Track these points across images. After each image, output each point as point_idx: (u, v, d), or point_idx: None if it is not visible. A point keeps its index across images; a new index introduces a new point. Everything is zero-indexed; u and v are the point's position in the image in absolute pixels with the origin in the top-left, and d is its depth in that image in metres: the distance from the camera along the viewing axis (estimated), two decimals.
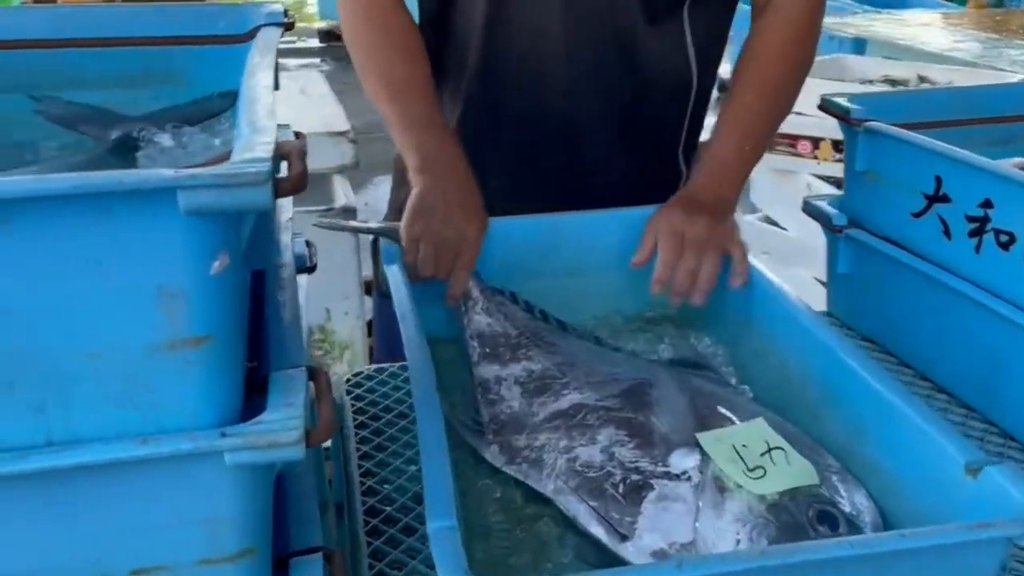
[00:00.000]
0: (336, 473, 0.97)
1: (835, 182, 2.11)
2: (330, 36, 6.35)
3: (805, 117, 1.92)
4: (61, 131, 0.94)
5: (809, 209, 1.23)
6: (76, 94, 0.96)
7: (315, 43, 6.63)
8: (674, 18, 1.12)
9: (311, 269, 1.02)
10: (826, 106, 1.18)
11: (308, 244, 1.05)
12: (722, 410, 0.85)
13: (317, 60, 6.08)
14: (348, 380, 1.07)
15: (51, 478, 0.43)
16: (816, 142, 2.18)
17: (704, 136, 1.23)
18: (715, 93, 1.28)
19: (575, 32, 1.10)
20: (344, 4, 1.14)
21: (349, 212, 1.84)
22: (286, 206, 0.92)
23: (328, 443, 0.93)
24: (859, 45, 3.01)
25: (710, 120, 1.21)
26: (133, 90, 0.97)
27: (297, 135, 0.96)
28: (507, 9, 1.10)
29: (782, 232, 2.30)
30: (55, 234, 0.40)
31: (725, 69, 1.24)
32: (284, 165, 0.49)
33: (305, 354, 0.55)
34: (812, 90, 1.21)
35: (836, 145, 2.13)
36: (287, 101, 1.08)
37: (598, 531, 0.72)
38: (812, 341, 0.87)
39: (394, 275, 0.99)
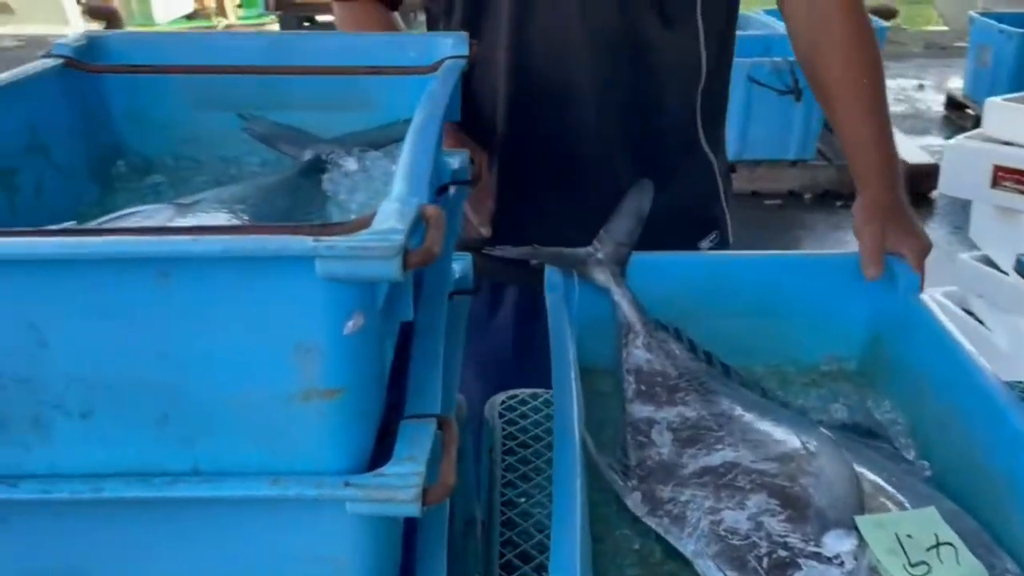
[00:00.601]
0: (482, 496, 0.99)
1: None
2: None
3: None
4: (263, 148, 1.03)
5: None
6: (279, 114, 1.04)
7: None
8: (688, 17, 1.14)
9: (474, 291, 1.05)
10: None
11: (473, 263, 1.07)
12: (891, 490, 0.78)
13: None
14: (502, 403, 1.09)
15: (193, 506, 0.46)
16: None
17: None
18: None
19: (592, 42, 1.12)
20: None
21: None
22: None
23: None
24: None
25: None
26: (329, 113, 1.03)
27: (472, 160, 0.98)
28: (529, 28, 1.12)
29: (1000, 275, 2.09)
30: (206, 289, 0.43)
31: None
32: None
33: (438, 401, 0.56)
34: None
35: None
36: None
37: None
38: (1003, 421, 0.78)
39: (554, 302, 0.99)
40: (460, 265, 1.05)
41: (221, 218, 0.70)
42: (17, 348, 0.44)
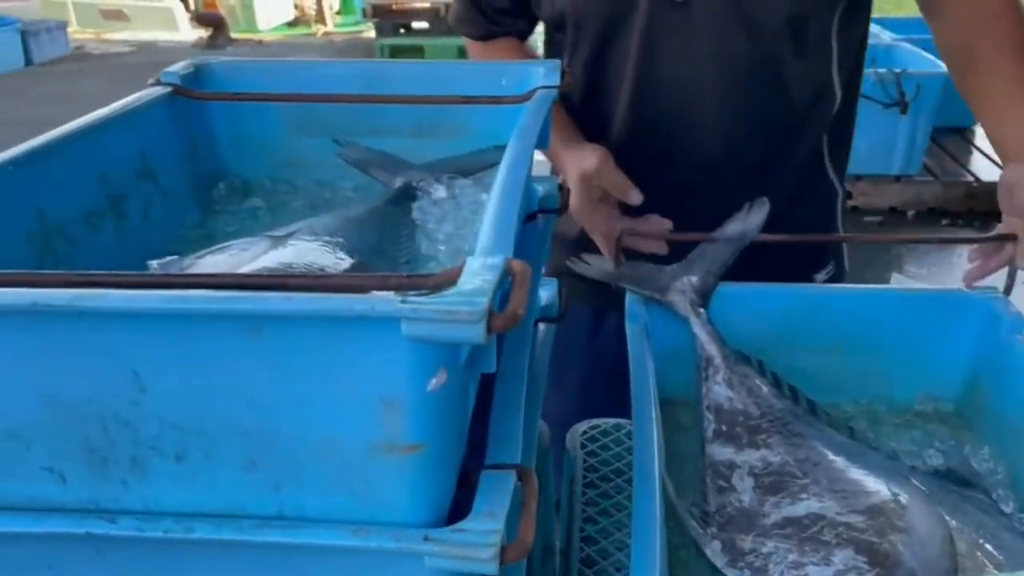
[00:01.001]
0: (561, 525, 0.98)
1: None
2: None
3: None
4: (357, 173, 1.05)
5: None
6: (372, 140, 1.05)
7: None
8: (823, 44, 1.10)
9: (558, 318, 1.04)
10: None
11: (560, 289, 1.07)
12: (989, 548, 0.74)
13: None
14: (583, 433, 1.08)
15: (276, 550, 0.47)
16: None
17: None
18: None
19: (721, 73, 1.08)
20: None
21: None
22: None
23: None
24: None
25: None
26: (421, 139, 1.05)
27: (561, 187, 0.98)
28: (656, 60, 1.09)
29: None
30: (296, 343, 0.44)
31: None
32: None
33: (519, 449, 0.56)
34: None
35: None
36: None
37: None
38: None
39: (634, 334, 0.98)
40: (546, 291, 1.04)
41: (313, 253, 0.72)
42: (120, 393, 0.46)
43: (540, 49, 1.35)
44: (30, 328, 0.44)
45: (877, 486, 0.82)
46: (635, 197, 1.07)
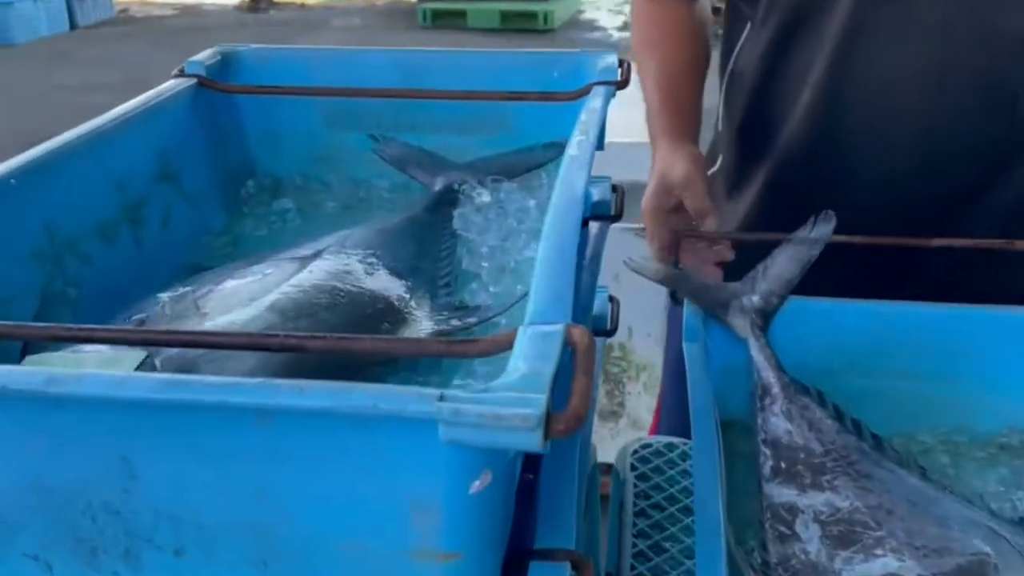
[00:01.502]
0: (609, 560, 0.91)
1: None
2: None
3: None
4: (394, 171, 0.97)
5: None
6: (411, 136, 0.97)
7: None
8: None
9: (610, 332, 0.96)
10: None
11: (611, 300, 0.98)
12: None
13: None
14: (634, 452, 1.00)
15: None
16: None
17: None
18: None
19: (942, 83, 0.91)
20: None
21: None
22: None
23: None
24: None
25: None
26: (464, 136, 0.96)
27: (615, 188, 0.89)
28: (852, 68, 0.92)
29: None
30: (311, 437, 0.36)
31: None
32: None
33: (574, 531, 0.48)
34: None
35: None
36: None
37: None
38: None
39: (693, 356, 0.89)
40: (597, 302, 0.96)
41: (342, 277, 0.64)
42: (106, 479, 0.39)
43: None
44: (4, 409, 0.38)
45: (962, 541, 0.73)
46: (711, 224, 0.94)
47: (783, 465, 0.84)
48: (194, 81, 0.88)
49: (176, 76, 0.88)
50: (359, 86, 0.93)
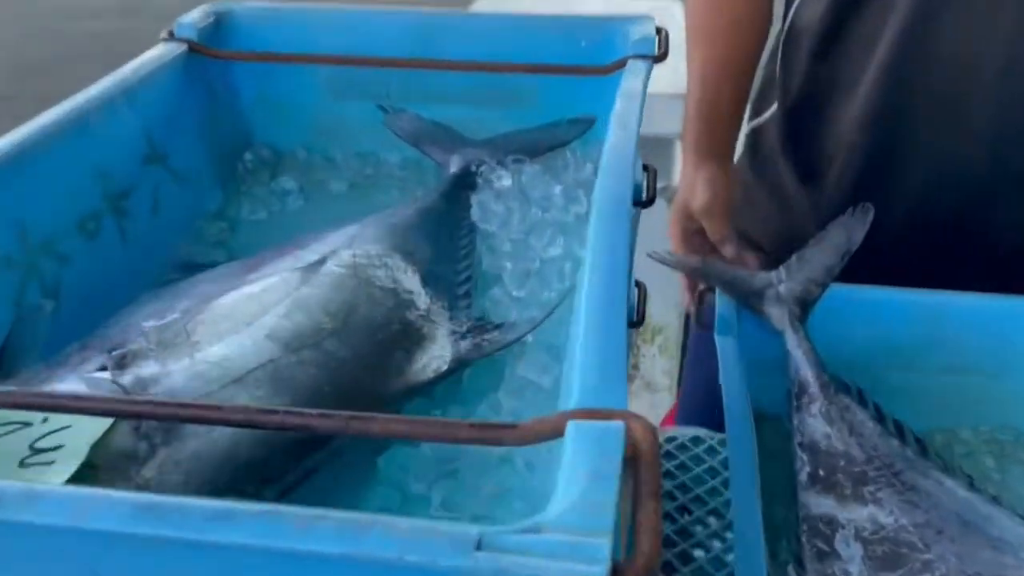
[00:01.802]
0: None
1: None
2: None
3: None
4: (405, 145, 0.88)
5: None
6: (424, 108, 0.88)
7: None
8: None
9: (637, 324, 0.89)
10: None
11: (638, 286, 0.91)
12: None
13: None
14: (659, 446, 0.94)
15: None
16: None
17: None
18: None
19: (1010, 63, 0.82)
20: None
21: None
22: None
23: None
24: None
25: None
26: (481, 108, 0.87)
27: (647, 168, 0.81)
28: (930, 34, 0.82)
29: None
30: None
31: None
32: None
33: None
34: None
35: None
36: None
37: None
38: None
39: (726, 350, 0.83)
40: None
41: (351, 291, 0.57)
42: None
43: None
44: None
45: (1017, 561, 0.68)
46: (729, 251, 0.91)
47: (821, 472, 0.78)
48: (184, 47, 0.79)
49: (165, 40, 0.79)
50: (367, 49, 0.84)
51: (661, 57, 0.77)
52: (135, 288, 0.65)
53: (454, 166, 0.83)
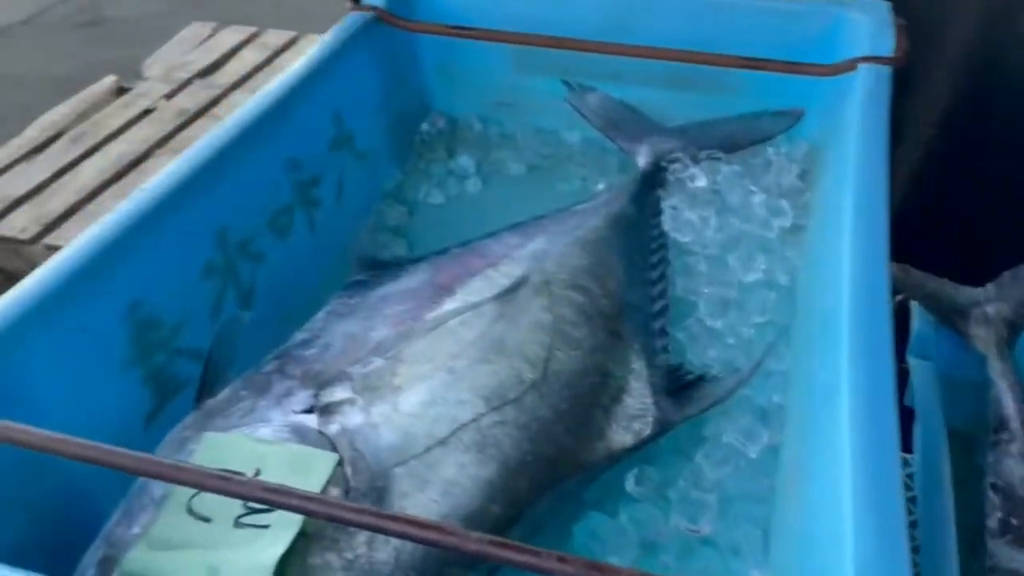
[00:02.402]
0: None
1: None
2: None
3: None
4: (588, 126, 0.82)
5: None
6: (612, 86, 0.82)
7: None
8: None
9: None
10: None
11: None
12: None
13: None
14: None
15: None
16: None
17: None
18: None
19: None
20: None
21: None
22: None
23: None
24: None
25: None
26: (676, 92, 0.80)
27: None
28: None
29: None
30: None
31: None
32: None
33: None
34: None
35: None
36: None
37: None
38: None
39: (921, 376, 0.76)
40: None
41: (549, 331, 0.53)
42: None
43: None
44: None
45: None
46: None
47: (1014, 522, 0.71)
48: (372, 15, 0.75)
49: (353, 9, 0.75)
50: (558, 18, 0.77)
51: (900, 59, 0.67)
52: (322, 284, 0.63)
53: (643, 158, 0.77)
